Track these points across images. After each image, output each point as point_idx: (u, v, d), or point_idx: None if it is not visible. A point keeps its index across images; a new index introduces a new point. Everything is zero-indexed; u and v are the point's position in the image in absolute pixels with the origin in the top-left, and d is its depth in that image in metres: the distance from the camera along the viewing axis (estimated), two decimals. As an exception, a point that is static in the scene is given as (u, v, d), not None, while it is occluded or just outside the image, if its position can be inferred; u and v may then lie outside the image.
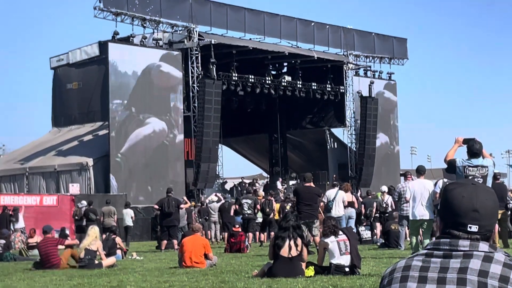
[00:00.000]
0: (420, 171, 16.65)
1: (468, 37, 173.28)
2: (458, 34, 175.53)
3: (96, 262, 17.01)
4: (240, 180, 50.79)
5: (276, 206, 29.69)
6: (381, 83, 53.83)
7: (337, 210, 21.34)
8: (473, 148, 11.71)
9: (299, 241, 12.53)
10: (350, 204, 24.25)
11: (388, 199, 26.73)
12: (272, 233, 17.97)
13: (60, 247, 18.40)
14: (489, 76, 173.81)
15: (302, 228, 13.72)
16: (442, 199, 3.06)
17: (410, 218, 16.12)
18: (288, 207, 27.85)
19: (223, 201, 32.18)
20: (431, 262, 2.96)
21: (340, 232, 12.79)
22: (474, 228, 2.95)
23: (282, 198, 34.77)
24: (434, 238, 14.34)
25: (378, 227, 27.10)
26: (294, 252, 12.40)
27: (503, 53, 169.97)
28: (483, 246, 2.94)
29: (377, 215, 27.67)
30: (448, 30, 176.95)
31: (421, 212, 15.63)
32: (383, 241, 23.88)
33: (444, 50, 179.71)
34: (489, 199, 2.99)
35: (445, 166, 12.31)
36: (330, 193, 22.04)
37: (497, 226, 3.60)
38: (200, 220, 31.97)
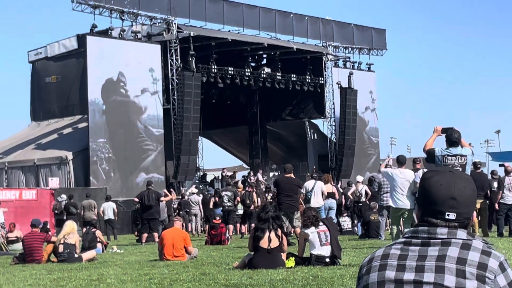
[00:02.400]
0: (400, 161, 16.69)
1: (447, 27, 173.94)
2: (437, 24, 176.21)
3: (76, 255, 16.94)
4: (221, 172, 50.82)
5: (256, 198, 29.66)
6: (360, 74, 53.91)
7: (316, 201, 21.39)
8: (452, 137, 11.75)
9: (279, 231, 12.54)
10: (331, 195, 24.29)
11: (363, 188, 26.79)
12: (253, 225, 18.03)
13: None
14: (468, 66, 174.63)
15: (282, 218, 13.72)
16: (420, 187, 3.06)
17: (391, 205, 16.16)
18: (268, 198, 27.91)
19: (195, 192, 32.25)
20: (410, 250, 2.96)
21: (321, 223, 12.81)
22: (452, 216, 2.95)
23: (263, 189, 34.78)
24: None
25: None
26: (274, 244, 12.41)
27: (482, 43, 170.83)
28: (461, 234, 2.94)
29: (352, 204, 27.75)
30: (426, 21, 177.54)
31: (402, 201, 15.68)
32: (362, 231, 23.90)
33: (423, 41, 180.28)
34: (467, 187, 2.99)
35: (425, 156, 12.35)
36: (308, 184, 22.11)
37: (475, 214, 3.60)
38: (181, 213, 31.94)
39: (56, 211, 32.27)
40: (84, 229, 24.21)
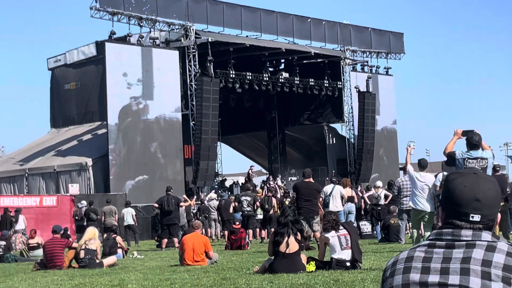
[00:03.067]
0: (422, 165, 16.63)
1: (465, 30, 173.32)
2: (455, 27, 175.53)
3: (97, 261, 17.00)
4: (249, 170, 50.82)
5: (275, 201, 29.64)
6: (378, 78, 53.83)
7: (334, 205, 21.34)
8: (472, 140, 11.70)
9: (298, 236, 12.53)
10: (350, 199, 24.25)
11: (382, 192, 26.70)
12: (273, 229, 18.06)
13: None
14: (487, 69, 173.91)
15: (301, 222, 13.70)
16: (443, 189, 3.05)
17: (412, 206, 16.11)
18: (287, 202, 27.86)
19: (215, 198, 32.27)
20: (434, 252, 2.95)
21: (341, 227, 12.78)
22: (476, 218, 2.94)
23: (282, 194, 34.76)
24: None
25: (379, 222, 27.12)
26: (293, 248, 12.39)
27: (501, 46, 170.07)
28: (486, 236, 2.93)
29: (370, 208, 27.67)
30: (444, 24, 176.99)
31: (422, 203, 15.64)
32: (382, 235, 23.84)
33: (441, 44, 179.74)
34: (491, 188, 2.98)
35: (444, 159, 12.29)
36: (327, 188, 22.07)
37: (499, 216, 3.59)
38: (200, 218, 31.99)
39: (77, 217, 32.39)
40: (105, 235, 24.28)
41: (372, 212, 26.84)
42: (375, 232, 26.88)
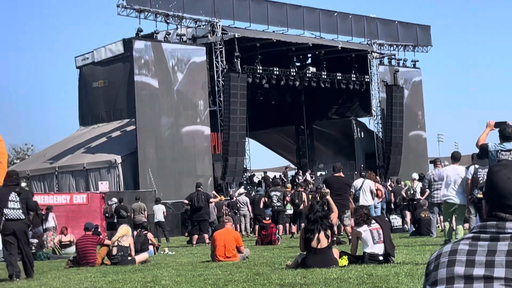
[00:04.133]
0: (455, 157, 16.57)
1: (492, 21, 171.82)
2: (482, 18, 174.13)
3: (129, 258, 17.08)
4: (285, 169, 50.88)
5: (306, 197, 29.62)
6: (407, 72, 53.59)
7: (365, 199, 21.28)
8: (505, 132, 11.61)
9: (328, 232, 12.52)
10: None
11: (417, 185, 26.57)
12: (303, 225, 18.01)
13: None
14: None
15: (330, 218, 13.67)
16: (487, 181, 3.03)
17: (442, 199, 16.03)
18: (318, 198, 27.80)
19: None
20: (478, 245, 2.93)
21: (373, 221, 12.75)
22: (520, 210, 2.92)
23: (313, 189, 34.73)
24: (466, 225, 14.22)
25: (408, 215, 26.98)
26: (324, 243, 12.39)
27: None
28: (531, 228, 2.91)
29: (405, 203, 27.55)
30: (471, 15, 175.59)
31: (453, 195, 15.56)
32: (413, 229, 23.78)
33: (468, 35, 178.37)
34: (535, 180, 2.96)
35: (474, 151, 12.22)
36: (357, 182, 22.04)
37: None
38: (230, 213, 32.07)
39: (107, 215, 32.57)
40: (135, 232, 24.40)
41: (409, 207, 26.72)
42: (405, 226, 26.80)
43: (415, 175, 27.89)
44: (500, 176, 2.97)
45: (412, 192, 26.77)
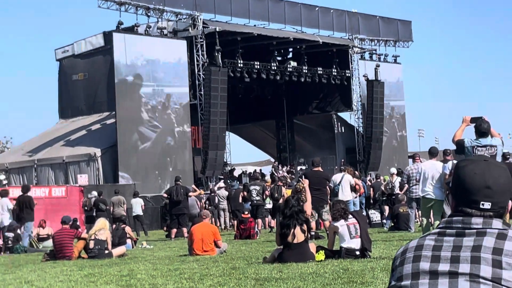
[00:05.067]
0: (432, 153, 16.61)
1: (473, 17, 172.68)
2: (462, 14, 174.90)
3: (106, 252, 17.01)
4: (273, 163, 50.90)
5: (287, 191, 29.60)
6: (387, 66, 53.70)
7: (344, 195, 21.30)
8: (481, 128, 11.64)
9: (304, 226, 12.52)
10: (352, 189, 24.21)
11: (396, 180, 26.62)
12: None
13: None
14: (495, 57, 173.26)
15: (305, 212, 13.67)
16: (453, 176, 3.02)
17: (420, 194, 16.09)
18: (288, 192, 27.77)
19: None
20: (444, 241, 2.92)
21: (350, 216, 12.76)
22: (487, 205, 2.90)
23: (292, 183, 34.72)
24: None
25: (386, 210, 27.04)
26: (301, 238, 12.39)
27: (509, 33, 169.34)
28: (497, 223, 2.90)
29: (384, 198, 27.60)
30: (453, 11, 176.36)
31: (431, 191, 15.60)
32: (392, 224, 23.84)
33: (449, 31, 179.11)
34: (502, 176, 2.94)
35: (454, 147, 12.23)
36: (336, 177, 22.04)
37: (510, 203, 3.54)
38: (210, 207, 32.03)
39: (86, 208, 32.43)
40: (114, 226, 24.32)
41: (387, 202, 26.75)
42: (384, 221, 26.86)
43: (393, 170, 27.96)
44: (466, 171, 2.96)
45: (390, 187, 26.82)
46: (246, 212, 24.58)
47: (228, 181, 41.67)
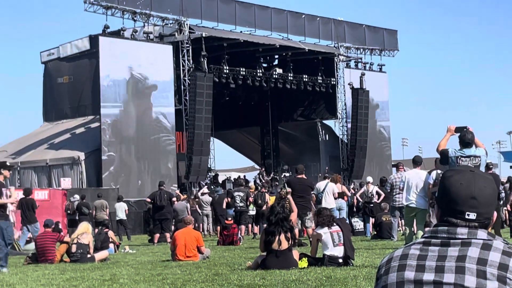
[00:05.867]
0: (416, 162, 16.64)
1: (459, 27, 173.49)
2: (448, 24, 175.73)
3: (89, 256, 16.96)
4: (260, 170, 50.87)
5: (272, 198, 29.60)
6: (372, 75, 53.85)
7: (327, 202, 21.33)
8: (465, 138, 11.67)
9: (289, 234, 12.53)
10: (340, 195, 24.25)
11: (373, 189, 26.65)
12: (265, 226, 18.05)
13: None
14: (480, 67, 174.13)
15: (290, 220, 13.67)
16: (440, 186, 3.03)
17: (404, 203, 16.12)
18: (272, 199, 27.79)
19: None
20: (429, 250, 2.93)
21: (334, 224, 12.78)
22: (472, 216, 2.91)
23: (274, 191, 34.71)
24: (427, 229, 14.29)
25: (370, 219, 27.06)
26: (285, 245, 12.40)
27: (494, 44, 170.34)
28: (482, 234, 2.91)
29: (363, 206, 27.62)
30: (437, 21, 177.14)
31: (415, 200, 15.63)
32: (374, 232, 23.86)
33: (434, 41, 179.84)
34: (488, 187, 2.95)
35: (438, 156, 12.26)
36: (320, 185, 22.05)
37: (495, 214, 3.55)
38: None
39: (69, 211, 32.31)
40: (96, 230, 24.23)
41: (365, 210, 26.81)
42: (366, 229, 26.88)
43: (370, 179, 27.96)
44: (452, 182, 2.97)
45: (369, 195, 26.82)
46: (230, 218, 24.55)
47: (212, 187, 41.62)
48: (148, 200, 27.06)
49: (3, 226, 14.63)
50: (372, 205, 26.10)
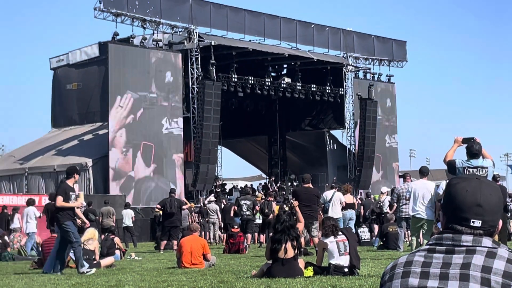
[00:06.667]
0: (423, 172, 16.61)
1: (467, 39, 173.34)
2: (457, 36, 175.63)
3: (94, 262, 16.97)
4: (269, 179, 50.95)
5: (276, 208, 29.60)
6: (381, 86, 53.87)
7: (334, 212, 21.30)
8: (473, 149, 11.64)
9: (295, 242, 12.51)
10: (351, 206, 24.22)
11: (385, 199, 26.63)
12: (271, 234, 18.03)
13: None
14: (489, 79, 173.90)
15: (297, 228, 13.66)
16: (445, 193, 3.02)
17: (410, 213, 16.07)
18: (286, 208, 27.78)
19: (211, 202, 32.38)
20: (434, 257, 2.92)
21: (340, 233, 12.76)
22: (477, 223, 2.91)
23: (280, 200, 34.71)
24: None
25: (376, 228, 27.04)
26: (291, 254, 12.38)
27: (503, 55, 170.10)
28: (487, 242, 2.90)
29: (374, 216, 27.61)
30: (447, 33, 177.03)
31: (422, 210, 15.59)
32: (381, 242, 23.83)
33: (443, 53, 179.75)
34: (493, 195, 2.95)
35: (444, 167, 12.23)
36: (327, 194, 22.03)
37: (501, 223, 3.52)
38: (201, 221, 32.02)
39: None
40: (103, 236, 24.25)
41: (377, 220, 26.75)
42: (373, 239, 26.85)
43: (384, 189, 27.98)
44: (458, 189, 2.97)
45: (379, 205, 26.83)
46: (236, 227, 24.55)
47: (219, 195, 41.61)
48: (158, 207, 27.09)
49: (71, 226, 14.96)
50: (383, 215, 26.05)
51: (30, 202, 27.81)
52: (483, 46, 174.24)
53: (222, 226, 31.54)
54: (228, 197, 38.65)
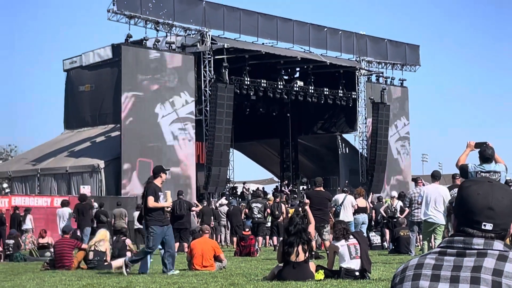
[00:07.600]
0: (435, 177, 16.55)
1: (481, 44, 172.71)
2: (471, 41, 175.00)
3: (105, 263, 17.00)
4: (282, 182, 50.92)
5: (291, 211, 29.52)
6: (394, 90, 53.78)
7: (345, 215, 21.26)
8: (485, 154, 11.60)
9: (306, 246, 12.49)
10: (363, 210, 24.17)
11: (397, 204, 26.57)
12: (281, 238, 17.96)
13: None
14: (503, 84, 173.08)
15: (309, 231, 13.63)
16: (457, 196, 3.01)
17: (422, 218, 16.02)
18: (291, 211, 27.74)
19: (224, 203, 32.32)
20: (444, 260, 2.91)
21: (351, 236, 12.74)
22: (488, 226, 2.90)
23: (295, 202, 34.65)
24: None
25: (387, 233, 26.97)
26: (302, 257, 12.36)
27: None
28: (498, 245, 2.89)
29: (385, 220, 27.54)
30: (460, 37, 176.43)
31: (434, 214, 15.53)
32: (392, 246, 23.79)
33: (457, 57, 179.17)
34: (505, 198, 2.94)
35: (454, 172, 12.19)
36: (338, 197, 22.01)
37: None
38: (214, 222, 32.00)
39: (87, 219, 32.33)
40: (114, 238, 24.29)
41: (388, 224, 26.70)
42: (385, 243, 26.78)
43: (395, 193, 27.91)
44: (470, 192, 2.95)
45: (392, 210, 26.75)
46: (247, 229, 24.52)
47: (230, 198, 41.61)
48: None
49: (157, 232, 14.82)
50: (395, 220, 25.99)
51: (65, 203, 27.94)
52: (498, 51, 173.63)
53: (229, 229, 31.48)
54: (231, 200, 38.55)
